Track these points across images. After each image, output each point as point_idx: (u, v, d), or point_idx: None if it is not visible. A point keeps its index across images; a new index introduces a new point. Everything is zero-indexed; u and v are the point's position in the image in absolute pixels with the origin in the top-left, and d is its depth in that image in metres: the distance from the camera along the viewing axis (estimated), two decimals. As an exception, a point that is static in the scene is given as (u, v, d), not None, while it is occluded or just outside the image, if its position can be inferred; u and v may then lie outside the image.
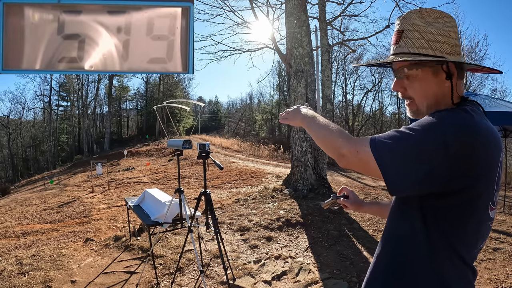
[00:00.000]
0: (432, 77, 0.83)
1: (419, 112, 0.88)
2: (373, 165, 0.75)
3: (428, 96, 0.85)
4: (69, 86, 35.08)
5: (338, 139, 0.83)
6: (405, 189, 0.75)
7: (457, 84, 0.83)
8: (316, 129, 0.94)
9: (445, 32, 0.81)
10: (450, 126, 0.72)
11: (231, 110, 55.31)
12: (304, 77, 6.66)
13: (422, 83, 0.84)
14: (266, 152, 19.19)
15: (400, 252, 0.84)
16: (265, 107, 39.88)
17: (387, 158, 0.74)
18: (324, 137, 0.89)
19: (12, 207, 9.27)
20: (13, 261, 3.76)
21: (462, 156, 0.70)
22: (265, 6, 8.49)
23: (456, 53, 0.83)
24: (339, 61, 26.97)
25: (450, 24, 0.83)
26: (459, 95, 0.86)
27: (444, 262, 0.78)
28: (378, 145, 0.76)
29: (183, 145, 2.89)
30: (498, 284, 3.09)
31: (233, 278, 3.20)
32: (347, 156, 0.80)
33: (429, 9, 0.85)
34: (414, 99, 0.87)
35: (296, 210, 5.27)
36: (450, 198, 0.74)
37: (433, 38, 0.81)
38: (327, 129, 0.89)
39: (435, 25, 0.82)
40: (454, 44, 0.82)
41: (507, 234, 4.44)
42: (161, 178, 11.76)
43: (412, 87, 0.87)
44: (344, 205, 1.24)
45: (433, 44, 0.81)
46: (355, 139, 0.82)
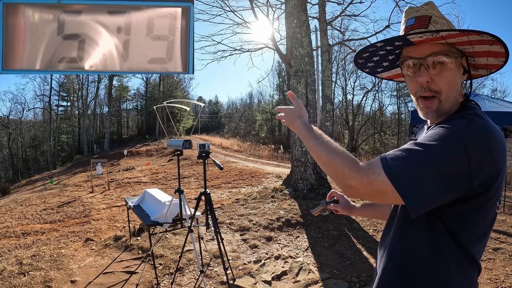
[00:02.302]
0: (457, 70, 0.81)
1: (441, 109, 0.81)
2: (391, 194, 0.69)
3: (455, 89, 0.81)
4: (69, 86, 35.08)
5: (344, 168, 0.74)
6: (429, 208, 0.71)
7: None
8: (317, 148, 0.83)
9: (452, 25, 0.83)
10: (469, 136, 0.69)
11: (231, 110, 55.35)
12: (304, 77, 6.66)
13: (452, 75, 0.79)
14: (266, 152, 19.19)
15: (409, 263, 0.81)
16: (265, 107, 39.88)
17: (407, 182, 0.67)
18: (327, 163, 0.79)
19: (12, 207, 9.26)
20: (13, 261, 3.76)
21: (483, 163, 0.69)
22: (265, 6, 8.50)
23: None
24: (339, 61, 26.98)
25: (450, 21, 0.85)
26: (463, 92, 0.85)
27: (451, 266, 0.77)
28: (395, 170, 0.68)
29: (183, 145, 2.89)
30: (498, 284, 3.09)
31: (233, 278, 3.20)
32: (357, 187, 0.72)
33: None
34: (441, 92, 0.80)
35: (296, 210, 5.27)
36: (465, 204, 0.73)
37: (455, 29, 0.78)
38: (330, 152, 0.79)
39: (446, 18, 0.83)
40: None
41: (507, 234, 4.44)
42: (161, 178, 11.76)
43: (441, 78, 0.79)
44: (336, 210, 1.22)
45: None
46: (364, 167, 0.73)
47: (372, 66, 0.99)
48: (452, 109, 0.82)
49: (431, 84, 0.80)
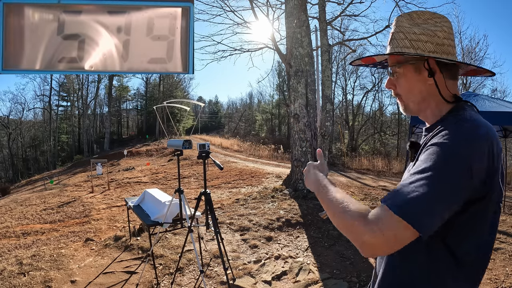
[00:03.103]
0: (415, 74, 0.86)
1: (407, 108, 0.91)
2: (402, 230, 0.66)
3: (413, 93, 0.87)
4: (69, 86, 35.08)
5: (353, 224, 0.71)
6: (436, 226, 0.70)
7: (445, 82, 0.84)
8: (328, 210, 0.82)
9: (430, 32, 0.83)
10: (466, 149, 0.69)
11: (231, 110, 55.35)
12: (304, 77, 6.66)
13: (406, 80, 0.87)
14: (266, 152, 19.19)
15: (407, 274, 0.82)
16: (265, 107, 39.88)
17: (420, 215, 0.66)
18: (338, 224, 0.77)
19: (12, 207, 9.26)
20: (13, 261, 3.76)
21: (484, 170, 0.70)
22: (265, 6, 8.50)
23: (442, 52, 0.83)
24: (339, 61, 26.96)
25: (439, 25, 0.84)
26: (451, 93, 0.85)
27: (448, 281, 0.77)
28: (404, 210, 0.66)
29: (183, 145, 2.89)
30: (498, 284, 3.09)
31: (233, 278, 3.20)
32: (370, 242, 0.68)
33: (420, 11, 0.88)
34: (401, 95, 0.90)
35: (296, 210, 5.27)
36: (464, 211, 0.73)
37: (416, 37, 0.84)
38: (338, 211, 0.76)
39: (422, 25, 0.85)
40: (440, 43, 0.83)
41: (507, 234, 4.44)
42: (161, 178, 11.76)
43: (398, 84, 0.90)
44: None
45: (415, 43, 0.84)
46: (371, 219, 0.69)
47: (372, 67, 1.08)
48: (441, 110, 0.86)
49: (394, 89, 0.92)
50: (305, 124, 6.63)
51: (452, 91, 0.85)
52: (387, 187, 8.87)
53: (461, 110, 0.81)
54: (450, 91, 0.85)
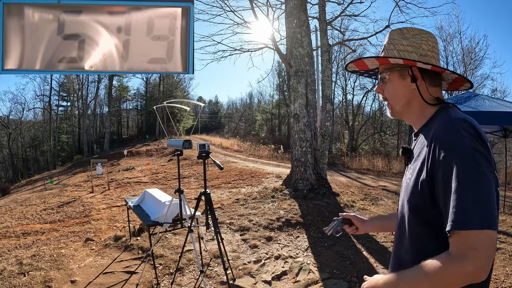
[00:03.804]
0: (400, 80, 0.97)
1: (394, 112, 1.01)
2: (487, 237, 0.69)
3: (398, 97, 0.98)
4: (69, 86, 35.06)
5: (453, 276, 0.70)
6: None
7: (427, 88, 0.94)
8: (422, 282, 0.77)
9: (416, 44, 0.96)
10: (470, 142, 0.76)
11: (231, 110, 55.34)
12: (304, 77, 6.66)
13: (392, 85, 0.99)
14: (266, 152, 19.18)
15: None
16: (265, 107, 39.86)
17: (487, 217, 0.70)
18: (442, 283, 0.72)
19: (12, 207, 9.26)
20: (13, 261, 3.76)
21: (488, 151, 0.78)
22: (265, 6, 8.50)
23: (425, 62, 0.93)
24: (339, 61, 26.93)
25: (425, 39, 0.97)
26: (433, 97, 0.94)
27: None
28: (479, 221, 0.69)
29: (183, 145, 2.89)
30: (498, 284, 3.09)
31: (233, 278, 3.20)
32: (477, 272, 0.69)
33: (410, 28, 1.01)
34: (389, 100, 1.01)
35: (296, 210, 5.27)
36: None
37: (403, 48, 0.96)
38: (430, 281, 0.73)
39: (410, 39, 0.97)
40: (424, 54, 0.95)
41: (507, 234, 4.44)
42: (161, 178, 11.75)
43: (386, 89, 1.01)
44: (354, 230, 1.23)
45: (402, 53, 0.96)
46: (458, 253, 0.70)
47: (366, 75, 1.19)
48: (425, 114, 0.95)
49: (382, 93, 1.03)
50: (305, 124, 6.63)
51: (435, 95, 0.94)
52: (387, 187, 8.87)
53: (443, 112, 0.89)
54: (432, 95, 0.94)
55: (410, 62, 0.92)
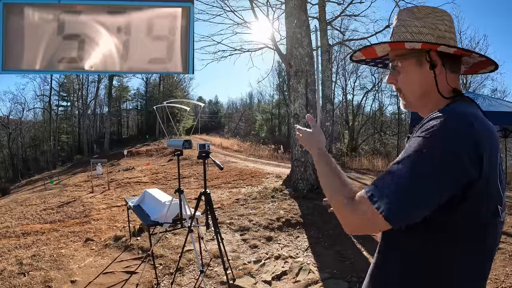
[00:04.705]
0: (416, 68, 0.84)
1: (409, 104, 0.90)
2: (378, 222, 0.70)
3: (413, 88, 0.86)
4: (69, 86, 35.07)
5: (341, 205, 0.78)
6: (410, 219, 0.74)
7: (446, 76, 0.82)
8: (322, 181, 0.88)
9: (431, 25, 0.83)
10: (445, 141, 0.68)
11: (231, 110, 55.29)
12: (304, 77, 6.66)
13: (407, 75, 0.86)
14: (266, 152, 19.17)
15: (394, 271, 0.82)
16: (265, 107, 39.88)
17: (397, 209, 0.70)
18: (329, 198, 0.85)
19: (12, 207, 9.26)
20: (13, 261, 3.76)
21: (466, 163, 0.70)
22: (265, 6, 8.51)
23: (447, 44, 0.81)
24: (339, 61, 26.94)
25: (440, 18, 0.84)
26: (451, 87, 0.83)
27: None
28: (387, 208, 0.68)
29: (183, 145, 2.89)
30: (498, 284, 3.09)
31: (233, 278, 3.20)
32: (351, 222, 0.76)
33: (421, 6, 0.88)
34: (402, 90, 0.89)
35: (296, 210, 5.27)
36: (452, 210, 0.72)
37: (417, 30, 0.83)
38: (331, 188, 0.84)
39: (423, 19, 0.84)
40: (442, 36, 0.82)
41: (507, 234, 4.44)
42: (161, 178, 11.75)
43: (399, 79, 0.88)
44: None
45: (416, 35, 0.83)
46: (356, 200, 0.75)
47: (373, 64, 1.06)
48: (437, 104, 0.83)
49: (395, 83, 0.90)
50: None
51: (452, 85, 0.83)
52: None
53: (453, 104, 0.79)
54: (450, 84, 0.82)
55: (430, 45, 0.79)
